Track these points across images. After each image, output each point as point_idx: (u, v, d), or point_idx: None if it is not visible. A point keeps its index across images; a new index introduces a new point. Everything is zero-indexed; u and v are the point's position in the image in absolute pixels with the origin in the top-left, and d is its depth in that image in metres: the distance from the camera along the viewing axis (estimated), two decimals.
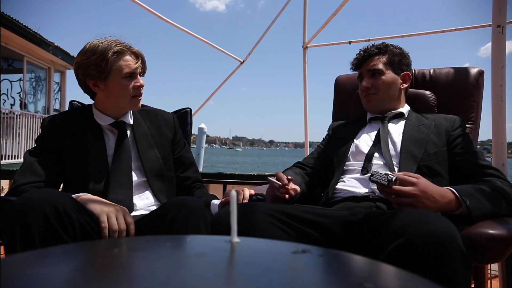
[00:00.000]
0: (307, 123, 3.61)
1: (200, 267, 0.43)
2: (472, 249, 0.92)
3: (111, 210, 1.08)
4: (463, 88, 1.55)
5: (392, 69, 1.45)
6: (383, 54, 1.46)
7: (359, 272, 0.46)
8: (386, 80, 1.43)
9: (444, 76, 1.62)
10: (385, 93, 1.44)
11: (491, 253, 0.93)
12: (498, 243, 0.91)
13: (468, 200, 1.02)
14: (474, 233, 0.93)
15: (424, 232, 0.79)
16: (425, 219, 0.83)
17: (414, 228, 0.81)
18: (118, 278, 0.40)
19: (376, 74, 1.44)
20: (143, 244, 0.55)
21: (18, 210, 0.95)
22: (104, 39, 1.31)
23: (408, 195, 1.00)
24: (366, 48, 1.49)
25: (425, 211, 0.88)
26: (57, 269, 0.43)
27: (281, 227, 1.00)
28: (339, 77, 1.87)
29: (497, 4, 1.49)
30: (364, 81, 1.45)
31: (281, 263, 0.47)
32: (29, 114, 7.81)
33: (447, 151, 1.29)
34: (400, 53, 1.47)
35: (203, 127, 6.28)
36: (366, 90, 1.45)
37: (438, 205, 1.01)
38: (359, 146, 1.41)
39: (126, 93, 1.32)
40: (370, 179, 1.06)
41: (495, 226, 0.95)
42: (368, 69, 1.45)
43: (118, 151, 1.34)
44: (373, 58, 1.45)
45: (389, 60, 1.45)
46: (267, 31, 3.77)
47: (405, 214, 0.87)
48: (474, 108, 1.54)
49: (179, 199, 1.10)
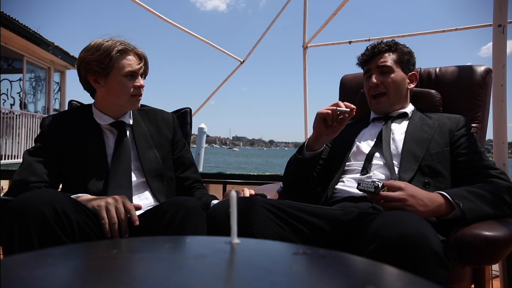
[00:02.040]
0: (307, 123, 3.61)
1: (199, 269, 0.43)
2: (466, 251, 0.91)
3: (109, 201, 1.08)
4: (469, 87, 1.53)
5: (401, 68, 1.43)
6: (393, 52, 1.43)
7: (361, 274, 0.46)
8: (396, 79, 1.41)
9: (450, 75, 1.60)
10: (395, 93, 1.42)
11: (486, 255, 0.91)
12: (492, 245, 0.90)
13: (461, 202, 1.02)
14: (468, 234, 0.92)
15: (395, 235, 0.81)
16: (397, 222, 0.84)
17: (386, 232, 0.82)
18: (116, 280, 0.40)
19: (385, 72, 1.41)
20: (142, 245, 0.54)
21: (16, 210, 0.94)
22: (110, 38, 1.32)
23: (397, 200, 1.01)
24: (375, 44, 1.46)
25: (401, 213, 0.89)
26: (55, 271, 0.42)
27: (276, 221, 1.03)
28: (345, 77, 1.86)
29: (498, 3, 1.49)
30: (373, 77, 1.42)
31: (281, 264, 0.46)
32: (29, 114, 7.81)
33: (450, 151, 1.27)
34: (409, 52, 1.45)
35: (203, 127, 6.28)
36: (375, 88, 1.41)
37: (428, 209, 1.02)
38: (360, 146, 1.40)
39: (125, 92, 1.32)
40: (357, 188, 1.07)
41: (490, 228, 0.94)
42: (377, 65, 1.42)
43: (117, 151, 1.33)
44: (383, 55, 1.42)
45: (398, 58, 1.43)
46: (267, 31, 3.76)
47: (381, 217, 0.88)
48: (480, 107, 1.51)
49: (177, 199, 1.09)
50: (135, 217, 1.08)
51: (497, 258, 0.93)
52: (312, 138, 1.34)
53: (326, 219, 1.08)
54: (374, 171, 1.29)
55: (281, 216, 1.05)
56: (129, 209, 1.09)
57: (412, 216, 0.87)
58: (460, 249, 0.92)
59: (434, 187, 1.21)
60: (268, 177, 2.41)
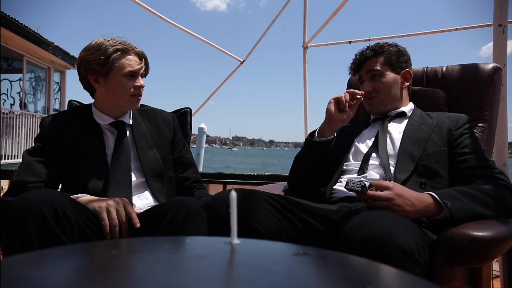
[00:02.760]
0: (307, 123, 3.61)
1: (199, 270, 0.43)
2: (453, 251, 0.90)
3: (111, 203, 1.08)
4: (476, 86, 1.50)
5: (391, 69, 1.43)
6: (379, 55, 1.44)
7: (361, 275, 0.46)
8: (387, 81, 1.42)
9: (457, 74, 1.57)
10: (386, 94, 1.42)
11: (474, 255, 0.90)
12: (480, 244, 0.89)
13: (449, 202, 1.02)
14: (456, 234, 0.91)
15: (361, 236, 0.83)
16: (365, 222, 0.86)
17: (354, 233, 0.85)
18: (116, 281, 0.40)
19: (375, 76, 1.42)
20: (141, 246, 0.54)
21: (16, 211, 0.94)
22: (110, 38, 1.32)
23: (384, 199, 1.02)
24: (361, 52, 1.48)
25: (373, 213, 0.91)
26: (55, 271, 0.42)
27: (274, 213, 1.06)
28: (352, 78, 1.85)
29: (499, 3, 1.49)
30: (365, 85, 1.44)
31: (281, 265, 0.46)
32: (29, 114, 7.81)
33: (448, 150, 1.26)
34: (396, 51, 1.45)
35: (203, 127, 6.28)
36: (368, 94, 1.43)
37: (416, 208, 1.02)
38: (359, 146, 1.40)
39: (125, 92, 1.31)
40: (345, 187, 1.09)
41: (479, 228, 0.92)
42: (366, 70, 1.44)
43: (117, 151, 1.33)
44: (370, 60, 1.44)
45: (386, 60, 1.43)
46: (267, 31, 3.76)
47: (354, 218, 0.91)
48: (488, 106, 1.48)
49: (178, 199, 1.09)
50: (136, 220, 1.08)
51: (486, 258, 0.92)
52: (323, 124, 1.38)
53: (317, 217, 1.11)
54: (370, 171, 1.29)
55: (280, 209, 1.08)
56: (130, 213, 1.09)
57: (384, 216, 0.88)
58: (448, 249, 0.91)
59: (431, 187, 1.19)
60: (268, 177, 2.41)
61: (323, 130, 1.38)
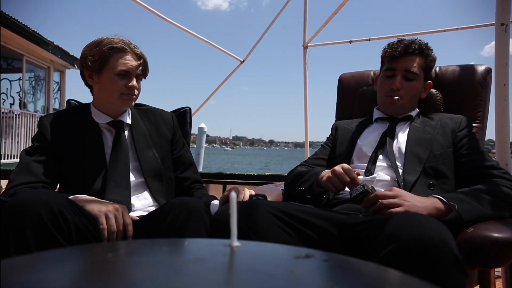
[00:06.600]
0: (307, 123, 3.59)
1: (198, 273, 0.42)
2: (476, 253, 0.89)
3: (110, 209, 1.07)
4: (470, 87, 1.52)
5: (424, 76, 1.39)
6: (423, 57, 1.37)
7: (364, 278, 0.44)
8: (416, 87, 1.37)
9: (450, 74, 1.58)
10: (409, 101, 1.39)
11: (495, 257, 0.90)
12: (502, 246, 0.89)
13: (456, 204, 1.01)
14: (478, 236, 0.91)
15: (415, 237, 0.78)
16: (415, 223, 0.82)
17: (405, 233, 0.80)
18: (114, 284, 0.39)
19: (409, 78, 1.36)
20: (139, 249, 0.53)
21: (12, 211, 0.93)
22: (114, 36, 1.31)
23: (391, 197, 1.01)
24: (409, 43, 1.36)
25: (416, 215, 0.87)
26: (51, 275, 0.41)
27: (281, 226, 0.99)
28: (343, 75, 1.85)
29: (501, 2, 1.47)
30: (397, 81, 1.35)
31: (283, 268, 0.45)
32: (29, 113, 7.80)
33: (453, 152, 1.26)
34: (435, 60, 1.40)
35: (203, 126, 6.27)
36: (395, 91, 1.35)
37: (425, 204, 1.01)
38: (364, 147, 1.38)
39: (115, 90, 1.30)
40: (351, 197, 1.08)
41: (499, 229, 0.92)
42: (406, 69, 1.35)
43: (115, 150, 1.32)
44: (413, 58, 1.35)
45: (426, 65, 1.38)
46: (267, 30, 3.75)
47: (397, 218, 0.86)
48: (481, 106, 1.51)
49: (180, 200, 1.08)
50: (130, 232, 1.08)
51: (506, 260, 0.92)
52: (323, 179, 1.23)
53: (333, 222, 1.05)
54: (379, 172, 1.27)
55: (287, 220, 1.00)
56: (127, 224, 1.09)
57: (430, 219, 0.85)
58: (470, 251, 0.90)
59: (439, 188, 1.19)
60: (268, 177, 2.41)
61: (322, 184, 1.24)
